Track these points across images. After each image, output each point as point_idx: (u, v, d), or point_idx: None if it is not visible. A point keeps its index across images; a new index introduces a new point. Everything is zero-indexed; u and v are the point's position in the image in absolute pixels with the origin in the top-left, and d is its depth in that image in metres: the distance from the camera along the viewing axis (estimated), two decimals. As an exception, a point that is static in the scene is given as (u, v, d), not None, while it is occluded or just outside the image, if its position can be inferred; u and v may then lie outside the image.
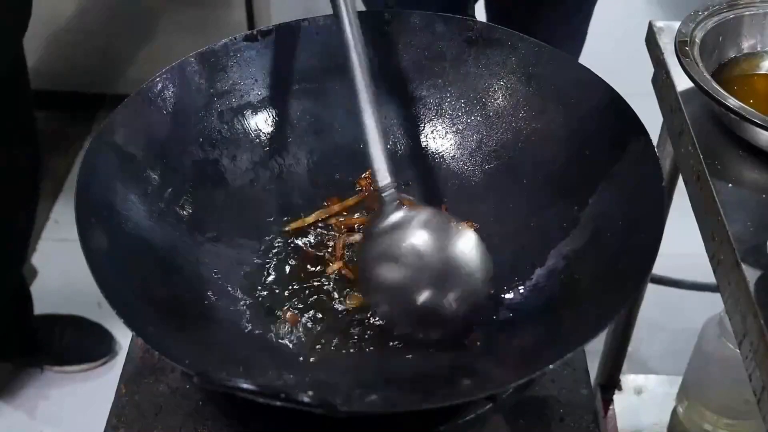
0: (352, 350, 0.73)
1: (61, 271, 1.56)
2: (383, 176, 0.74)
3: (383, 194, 0.74)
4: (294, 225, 0.83)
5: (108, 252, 0.69)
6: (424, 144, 0.89)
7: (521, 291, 0.76)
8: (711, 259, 0.73)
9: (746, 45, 0.85)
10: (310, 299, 0.77)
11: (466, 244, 0.72)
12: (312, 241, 0.82)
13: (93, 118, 1.97)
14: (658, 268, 0.80)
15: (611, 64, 0.81)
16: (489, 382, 0.66)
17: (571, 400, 0.72)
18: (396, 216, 0.73)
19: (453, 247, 0.72)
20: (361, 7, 1.22)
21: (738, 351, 0.66)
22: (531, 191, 0.82)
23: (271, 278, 0.79)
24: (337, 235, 0.82)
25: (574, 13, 1.33)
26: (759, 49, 0.85)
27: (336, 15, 0.75)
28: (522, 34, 0.86)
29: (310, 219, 0.83)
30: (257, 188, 0.85)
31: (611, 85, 0.80)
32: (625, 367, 1.28)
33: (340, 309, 0.76)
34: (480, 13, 1.28)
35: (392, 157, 0.88)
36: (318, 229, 0.83)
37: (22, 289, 1.44)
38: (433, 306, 0.71)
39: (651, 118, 0.82)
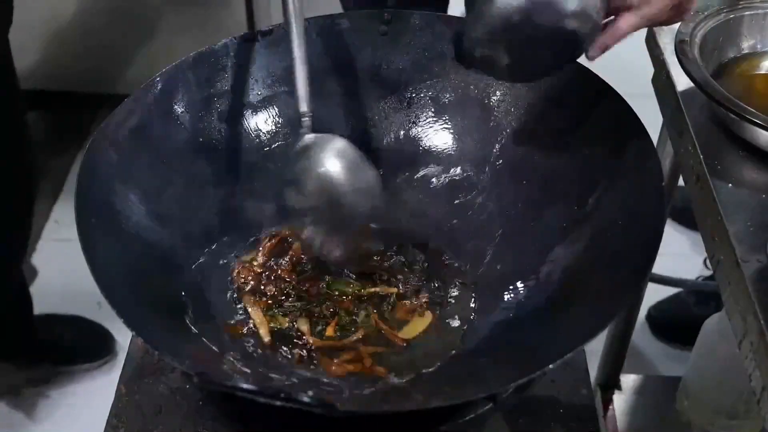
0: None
1: (61, 271, 1.56)
2: (303, 104, 0.76)
3: (302, 120, 0.76)
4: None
5: (108, 252, 0.69)
6: (423, 144, 0.89)
7: (521, 291, 0.76)
8: (711, 259, 0.73)
9: (746, 45, 0.85)
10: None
11: (343, 165, 0.75)
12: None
13: (93, 118, 1.97)
14: (658, 268, 0.80)
15: (611, 64, 0.81)
16: (489, 382, 0.66)
17: (571, 400, 0.72)
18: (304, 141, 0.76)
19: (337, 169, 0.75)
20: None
21: (738, 351, 0.66)
22: (531, 191, 0.82)
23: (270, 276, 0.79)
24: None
25: None
26: (759, 49, 0.85)
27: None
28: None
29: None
30: (257, 187, 0.85)
31: (611, 85, 0.80)
32: (625, 367, 1.28)
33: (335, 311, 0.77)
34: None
35: (393, 156, 0.88)
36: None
37: (22, 289, 1.44)
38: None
39: (651, 118, 0.82)
